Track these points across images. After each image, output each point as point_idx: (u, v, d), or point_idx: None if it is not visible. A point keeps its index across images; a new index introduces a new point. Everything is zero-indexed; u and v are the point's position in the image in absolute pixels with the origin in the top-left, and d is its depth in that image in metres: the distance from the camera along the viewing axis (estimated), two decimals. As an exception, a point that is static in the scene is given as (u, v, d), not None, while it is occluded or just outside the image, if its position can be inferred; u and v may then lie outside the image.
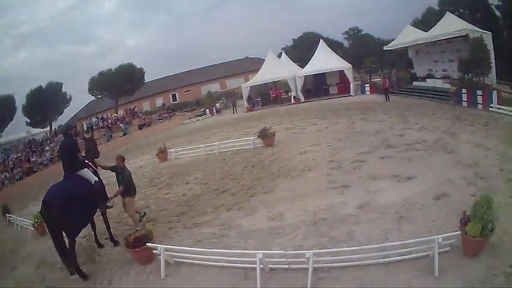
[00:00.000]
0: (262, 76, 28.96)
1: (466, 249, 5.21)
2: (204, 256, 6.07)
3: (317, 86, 28.78)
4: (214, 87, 43.65)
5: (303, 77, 27.16)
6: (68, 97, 38.63)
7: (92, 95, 39.17)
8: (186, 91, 44.60)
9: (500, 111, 13.65)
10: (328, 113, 19.10)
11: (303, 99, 27.21)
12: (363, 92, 26.33)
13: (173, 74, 47.28)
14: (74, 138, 7.45)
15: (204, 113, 33.62)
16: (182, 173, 12.70)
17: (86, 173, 7.06)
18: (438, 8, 32.08)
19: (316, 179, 9.13)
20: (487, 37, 17.21)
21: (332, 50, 29.08)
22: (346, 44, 45.69)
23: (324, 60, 27.00)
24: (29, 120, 36.06)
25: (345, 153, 10.96)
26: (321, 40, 29.73)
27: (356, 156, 10.39)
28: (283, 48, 45.33)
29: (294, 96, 27.49)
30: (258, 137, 13.76)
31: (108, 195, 7.61)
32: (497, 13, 29.08)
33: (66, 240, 6.38)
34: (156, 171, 14.14)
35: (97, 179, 7.22)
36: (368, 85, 26.54)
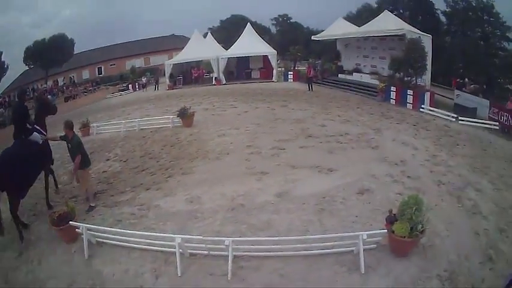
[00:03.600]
0: (186, 55, 28.36)
1: (394, 249, 5.05)
2: (124, 237, 5.96)
3: (240, 69, 28.86)
4: (139, 62, 41.79)
5: (226, 59, 27.01)
6: (6, 66, 36.36)
7: (26, 65, 37.97)
8: (111, 65, 42.34)
9: (433, 113, 13.38)
10: (248, 97, 18.99)
11: (224, 81, 27.13)
12: (286, 79, 26.59)
13: (101, 47, 44.22)
14: (25, 104, 7.31)
15: (127, 88, 32.34)
16: (103, 149, 12.25)
17: (34, 136, 7.03)
18: (376, 6, 32.50)
19: (234, 163, 9.07)
20: (426, 39, 17.01)
21: (258, 34, 29.29)
22: (273, 30, 46.22)
23: (249, 44, 27.04)
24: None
25: (264, 139, 10.77)
26: (248, 23, 29.78)
27: (275, 143, 10.23)
28: (209, 29, 44.59)
29: (216, 78, 27.31)
30: (177, 116, 13.65)
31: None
32: (443, 18, 30.22)
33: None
34: (79, 146, 13.21)
35: (43, 139, 7.25)
36: (291, 73, 26.78)
